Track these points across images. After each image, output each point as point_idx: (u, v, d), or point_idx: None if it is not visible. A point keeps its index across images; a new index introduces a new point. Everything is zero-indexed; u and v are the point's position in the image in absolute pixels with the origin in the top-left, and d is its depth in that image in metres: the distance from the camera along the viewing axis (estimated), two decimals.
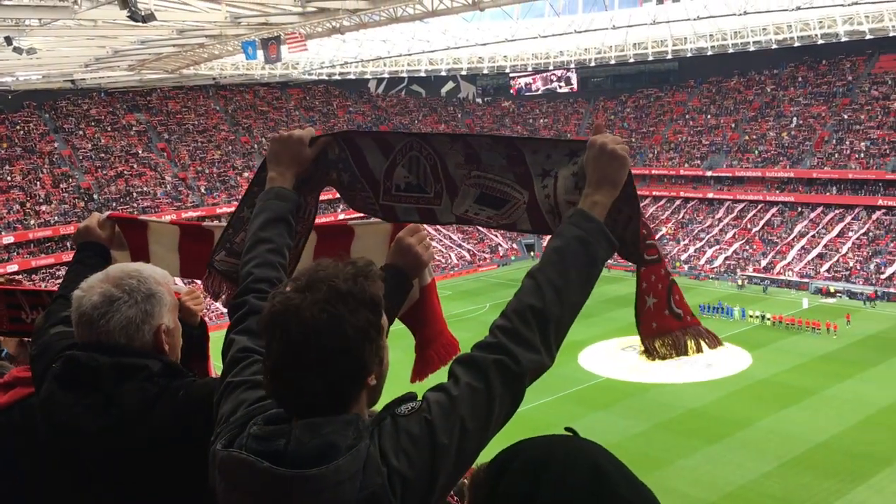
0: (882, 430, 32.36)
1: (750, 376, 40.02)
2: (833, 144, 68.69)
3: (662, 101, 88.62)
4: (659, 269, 2.37)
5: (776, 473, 28.85)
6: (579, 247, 2.05)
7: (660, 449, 31.56)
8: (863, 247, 60.40)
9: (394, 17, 41.64)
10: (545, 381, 12.25)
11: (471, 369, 1.83)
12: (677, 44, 70.88)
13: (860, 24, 59.44)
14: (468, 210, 2.50)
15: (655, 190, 78.94)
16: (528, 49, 75.42)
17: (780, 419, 34.09)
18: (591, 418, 35.26)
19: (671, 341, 2.36)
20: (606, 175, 2.17)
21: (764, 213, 69.39)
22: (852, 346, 44.10)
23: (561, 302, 1.97)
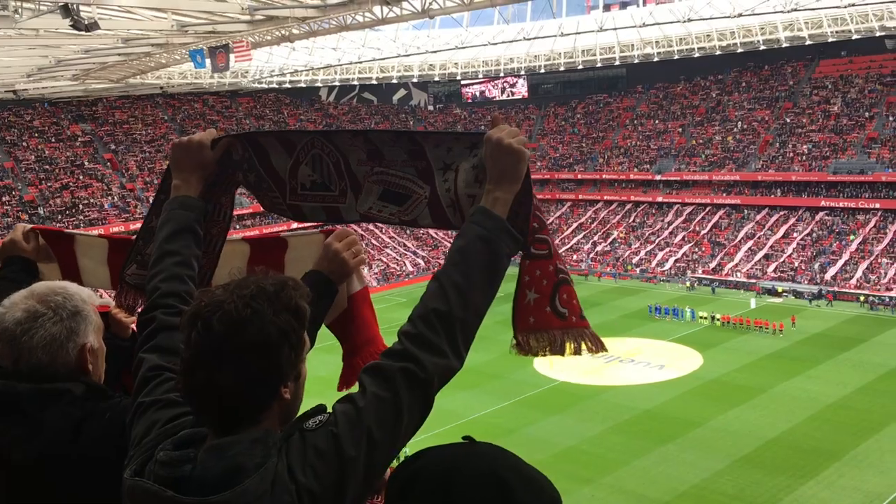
0: (829, 425, 33.19)
1: (701, 376, 40.71)
2: (776, 148, 70.38)
3: (611, 106, 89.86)
4: (547, 265, 2.31)
5: (728, 471, 29.38)
6: (482, 246, 2.02)
7: (615, 451, 31.92)
8: (807, 247, 61.96)
9: (343, 25, 41.54)
10: (501, 386, 12.40)
11: (377, 378, 1.80)
12: (624, 50, 72.01)
13: (800, 30, 61.12)
14: (372, 207, 2.47)
15: (606, 194, 79.95)
16: (478, 56, 75.89)
17: (731, 417, 34.74)
18: (547, 422, 35.50)
19: (547, 338, 2.31)
20: (506, 170, 2.13)
21: (712, 216, 70.77)
22: (799, 345, 45.16)
23: (466, 304, 1.94)
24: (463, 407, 37.77)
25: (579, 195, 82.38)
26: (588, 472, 30.16)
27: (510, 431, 34.59)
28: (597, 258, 71.49)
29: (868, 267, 56.68)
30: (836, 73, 73.45)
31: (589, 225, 77.96)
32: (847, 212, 63.27)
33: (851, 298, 53.85)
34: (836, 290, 55.62)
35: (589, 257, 71.94)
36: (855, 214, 62.69)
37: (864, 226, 61.07)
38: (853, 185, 63.46)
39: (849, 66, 72.91)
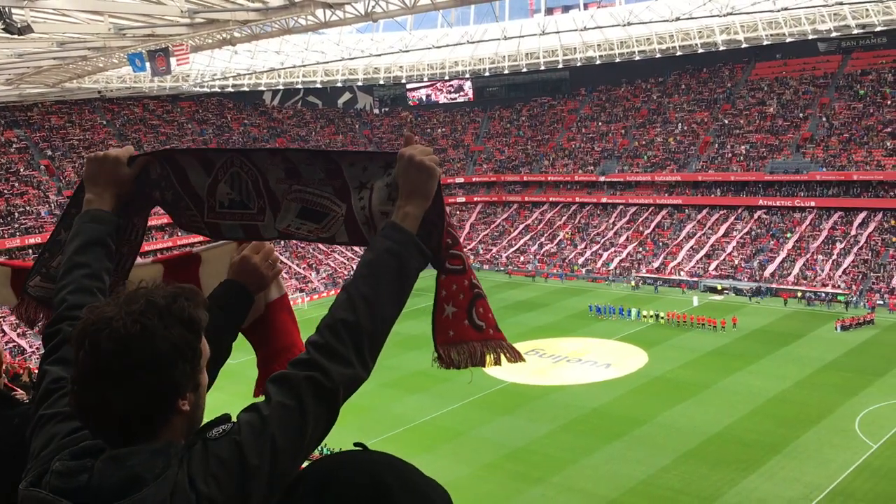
0: (770, 419, 34.05)
1: (647, 374, 41.39)
2: (716, 148, 72.01)
3: (555, 109, 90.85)
4: (462, 280, 2.36)
5: (674, 466, 29.93)
6: (391, 259, 2.06)
7: (564, 449, 32.24)
8: (746, 245, 63.51)
9: (286, 29, 41.20)
10: (450, 389, 12.41)
11: (283, 387, 1.80)
12: (567, 53, 72.90)
13: (736, 33, 62.68)
14: (290, 225, 2.49)
15: (552, 196, 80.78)
16: (423, 59, 75.97)
17: (676, 414, 35.39)
18: (496, 423, 35.68)
19: (468, 351, 2.36)
20: (417, 187, 2.17)
21: (654, 216, 72.04)
22: (740, 341, 46.24)
23: (374, 315, 1.97)
24: (412, 410, 37.78)
25: (525, 197, 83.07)
26: (538, 471, 30.41)
27: (460, 434, 34.71)
28: (543, 259, 72.15)
29: (805, 264, 58.34)
30: (772, 75, 75.50)
31: (535, 226, 78.65)
32: (784, 210, 65.06)
33: (790, 295, 55.36)
34: (774, 286, 57.11)
35: (536, 259, 72.57)
36: (791, 213, 64.49)
37: (801, 224, 62.85)
38: (789, 184, 65.28)
39: (783, 68, 75.02)
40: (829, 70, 72.26)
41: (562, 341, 48.70)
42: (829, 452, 30.18)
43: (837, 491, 27.14)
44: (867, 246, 57.88)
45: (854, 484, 27.63)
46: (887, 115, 64.53)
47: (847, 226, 60.56)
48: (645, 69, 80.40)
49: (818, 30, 59.49)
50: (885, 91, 66.65)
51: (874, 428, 32.10)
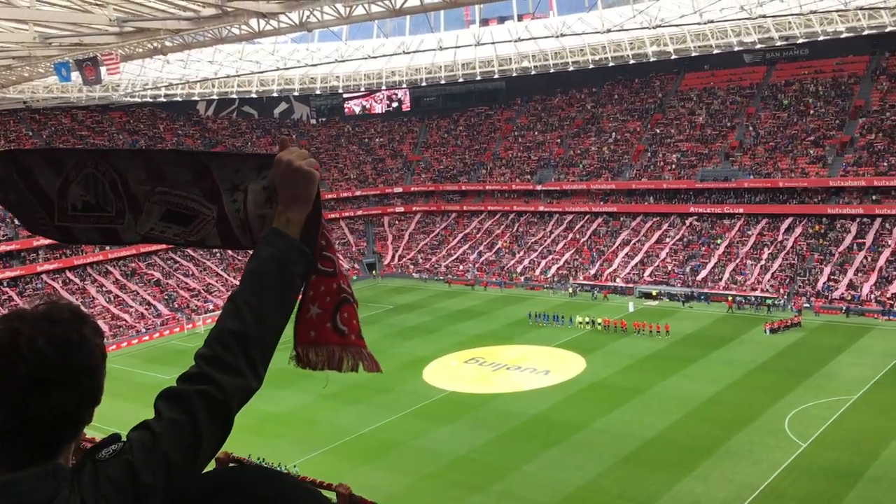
0: (704, 421, 34.84)
1: (584, 380, 41.94)
2: (648, 157, 73.61)
3: (492, 118, 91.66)
4: (331, 283, 2.35)
5: (612, 471, 30.35)
6: (275, 266, 2.05)
7: (504, 457, 32.41)
8: (679, 251, 65.00)
9: (219, 38, 40.67)
10: (390, 400, 12.36)
11: (174, 403, 1.79)
12: (503, 64, 73.69)
13: (666, 45, 64.28)
14: (154, 228, 2.43)
15: (490, 205, 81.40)
16: (360, 69, 75.83)
17: (613, 419, 35.93)
18: (437, 433, 35.67)
19: (326, 353, 2.36)
20: (297, 192, 2.16)
21: (590, 224, 73.18)
22: (675, 345, 47.24)
23: (262, 323, 1.97)
24: (352, 422, 37.51)
25: (464, 206, 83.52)
26: (478, 479, 30.49)
27: (400, 444, 34.58)
28: (482, 268, 72.58)
29: (734, 269, 59.98)
30: (701, 85, 77.61)
31: (474, 235, 79.09)
32: (714, 217, 66.82)
33: (731, 302, 56.80)
34: (706, 291, 58.55)
35: (475, 267, 72.95)
36: (721, 219, 66.28)
37: (730, 230, 64.64)
38: (719, 191, 67.10)
39: (711, 79, 77.20)
40: (755, 81, 74.63)
41: (501, 349, 49.02)
42: (761, 453, 31.01)
43: (769, 490, 27.89)
44: (793, 251, 59.84)
45: (785, 483, 28.44)
46: (810, 124, 66.93)
47: (774, 231, 62.52)
48: (579, 79, 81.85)
49: (743, 42, 61.45)
50: (807, 101, 69.14)
51: (803, 428, 33.13)
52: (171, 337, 58.98)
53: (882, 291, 52.54)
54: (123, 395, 34.94)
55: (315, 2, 33.19)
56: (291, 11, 35.10)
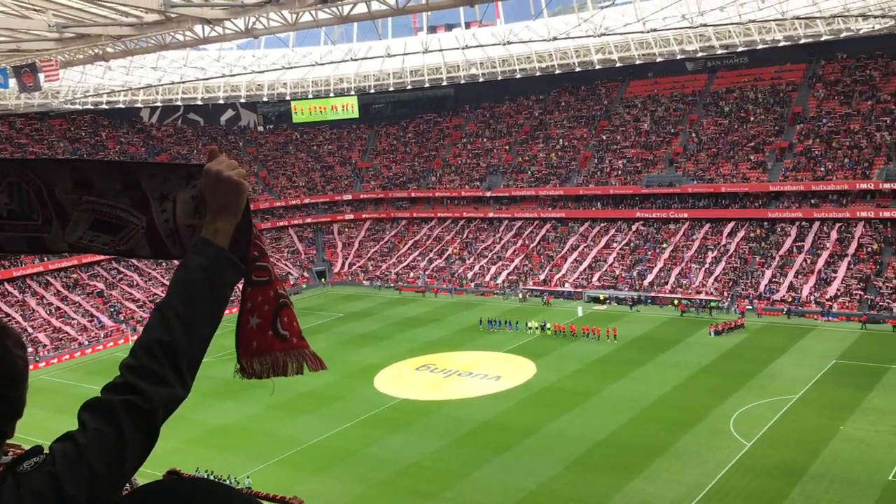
0: (653, 423, 35.39)
1: (535, 384, 42.25)
2: (595, 163, 74.60)
3: (441, 125, 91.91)
4: (268, 291, 2.37)
5: (563, 475, 30.63)
6: (204, 276, 2.05)
7: (456, 463, 32.46)
8: (626, 256, 65.96)
9: (163, 44, 40.03)
10: (342, 408, 12.29)
11: (98, 414, 1.78)
12: (451, 71, 73.98)
13: (610, 53, 65.31)
14: (82, 237, 2.41)
15: (440, 212, 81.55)
16: (308, 76, 75.37)
17: (564, 422, 36.27)
18: (389, 440, 35.56)
19: (271, 361, 2.39)
20: (226, 202, 2.17)
21: (539, 230, 73.83)
22: (623, 349, 47.90)
23: (189, 333, 1.97)
24: (303, 431, 37.16)
25: (413, 213, 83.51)
26: (430, 486, 30.48)
27: (352, 453, 34.38)
28: (433, 275, 72.64)
29: (680, 272, 61.10)
30: (645, 93, 79.00)
31: (424, 242, 79.13)
32: (659, 222, 68.00)
33: (667, 302, 57.86)
34: (653, 295, 59.51)
35: (425, 274, 72.98)
36: (667, 224, 67.49)
37: (675, 234, 65.85)
38: (664, 196, 68.33)
39: (655, 86, 78.65)
40: (697, 88, 76.26)
41: (452, 355, 49.10)
42: (707, 453, 31.62)
43: (716, 489, 28.46)
44: (736, 254, 61.22)
45: (731, 482, 29.05)
46: (750, 130, 68.62)
47: (717, 236, 63.88)
48: (526, 87, 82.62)
49: (685, 50, 62.79)
50: (747, 108, 70.89)
51: (747, 427, 33.88)
52: (115, 349, 57.67)
53: (821, 293, 54.06)
54: (65, 410, 33.98)
55: (261, 8, 32.88)
56: (237, 18, 34.71)
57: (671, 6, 50.19)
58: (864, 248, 56.83)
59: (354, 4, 34.54)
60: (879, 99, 64.90)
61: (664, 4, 49.52)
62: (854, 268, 55.38)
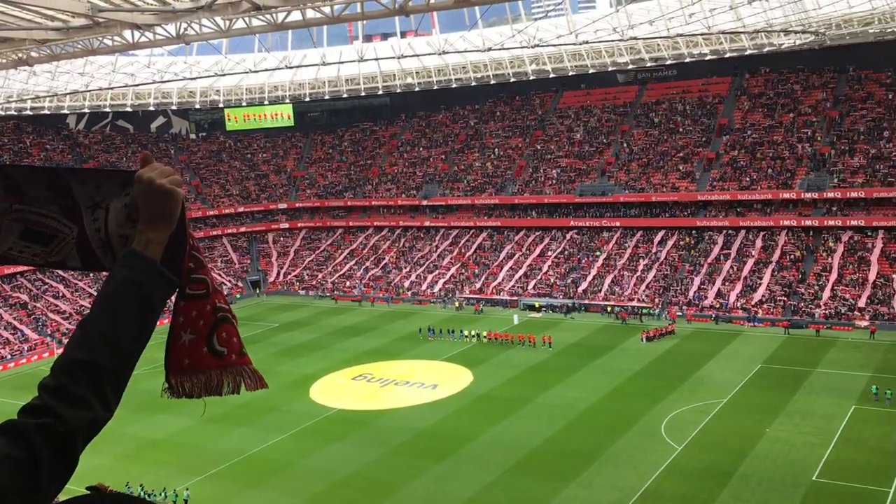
0: (587, 428, 35.91)
1: (472, 392, 42.43)
2: (530, 173, 75.51)
3: (377, 134, 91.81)
4: (204, 306, 2.26)
5: (500, 482, 30.81)
6: (132, 290, 1.94)
7: (394, 473, 32.35)
8: (560, 264, 66.88)
9: (91, 49, 39.05)
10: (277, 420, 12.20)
11: (11, 438, 1.69)
12: (387, 80, 74.07)
13: (544, 64, 66.34)
14: (12, 248, 2.28)
15: (376, 220, 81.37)
16: (241, 84, 74.45)
17: (500, 429, 36.50)
18: (326, 452, 35.23)
19: (204, 379, 2.27)
20: (158, 211, 2.05)
21: (475, 238, 74.31)
22: (558, 355, 48.49)
23: (114, 352, 1.86)
24: (238, 444, 36.54)
25: (350, 222, 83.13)
26: (367, 498, 30.31)
27: (288, 465, 33.95)
28: (369, 284, 72.37)
29: (613, 280, 62.24)
30: (578, 103, 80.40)
31: (360, 251, 78.81)
32: (593, 231, 69.19)
33: (598, 310, 58.83)
34: (586, 302, 60.45)
35: (362, 283, 72.65)
36: (600, 233, 68.70)
37: (608, 243, 67.08)
38: (597, 205, 69.55)
39: (588, 97, 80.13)
40: (628, 99, 77.98)
41: (389, 365, 48.97)
42: (640, 457, 32.23)
43: (648, 493, 29.03)
44: (666, 262, 62.68)
45: (663, 485, 29.66)
46: (679, 141, 70.46)
47: (648, 244, 65.32)
48: (462, 96, 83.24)
49: (617, 62, 64.20)
50: (676, 119, 72.80)
51: (678, 431, 34.67)
52: (40, 363, 55.77)
53: (747, 299, 55.74)
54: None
55: (192, 14, 32.39)
56: (167, 23, 34.11)
57: (602, 19, 51.29)
58: (787, 255, 58.87)
59: (289, 12, 34.34)
60: (800, 111, 67.43)
61: (596, 17, 50.59)
62: (778, 274, 57.29)
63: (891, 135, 61.19)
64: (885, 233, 56.93)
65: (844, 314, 51.61)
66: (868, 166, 59.67)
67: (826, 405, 36.82)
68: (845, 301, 52.65)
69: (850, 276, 54.70)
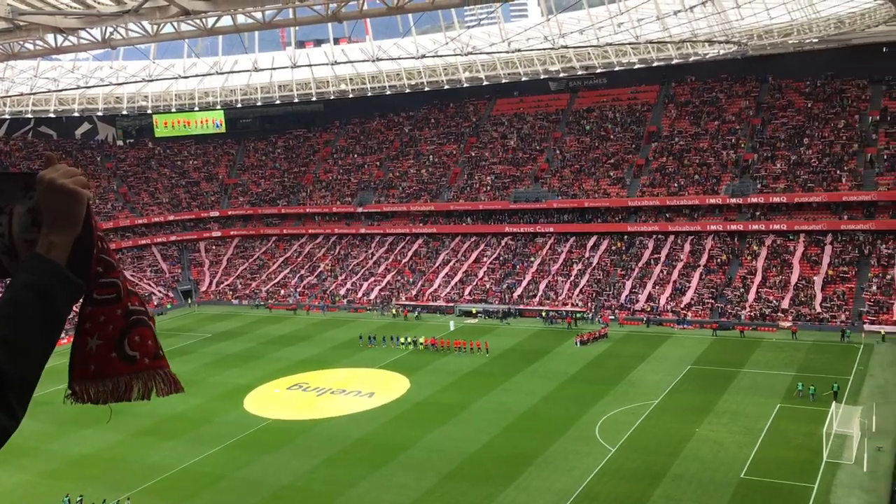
0: (523, 433, 36.20)
1: (409, 399, 42.36)
2: (465, 179, 75.93)
3: (311, 141, 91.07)
4: (114, 310, 2.19)
5: (437, 488, 30.83)
6: (33, 296, 1.88)
7: (330, 483, 32.06)
8: (496, 270, 67.38)
9: (11, 53, 37.75)
10: (209, 432, 12.01)
11: None
12: (320, 86, 73.58)
13: (478, 71, 66.87)
14: None
15: (311, 228, 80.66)
16: (170, 89, 72.95)
17: (437, 436, 36.53)
18: (260, 463, 34.67)
19: (111, 385, 2.20)
20: (62, 213, 2.00)
21: (411, 245, 74.30)
22: (494, 361, 48.80)
23: (17, 359, 1.80)
24: (170, 458, 35.71)
25: (284, 230, 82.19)
26: None
27: (221, 478, 33.31)
28: (304, 292, 71.64)
29: (547, 285, 63.00)
30: (511, 111, 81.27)
31: (295, 259, 77.97)
32: (527, 236, 69.93)
33: (534, 314, 59.50)
34: (522, 307, 61.03)
35: (297, 291, 71.86)
36: (534, 238, 69.49)
37: (542, 248, 67.88)
38: (531, 211, 70.35)
39: (521, 105, 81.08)
40: (560, 107, 79.19)
41: (326, 373, 48.55)
42: (575, 459, 32.66)
43: (583, 495, 29.42)
44: (599, 267, 63.76)
45: (598, 487, 30.11)
46: (610, 148, 71.84)
47: (581, 249, 66.34)
48: (397, 103, 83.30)
49: (549, 70, 65.14)
50: (607, 126, 74.23)
51: (611, 433, 35.25)
52: None
53: (677, 302, 57.11)
54: None
55: (118, 18, 31.62)
56: (92, 27, 33.24)
57: (534, 28, 52.01)
58: (714, 259, 60.54)
59: (219, 17, 33.82)
60: (725, 119, 69.52)
61: (527, 26, 51.26)
62: (706, 278, 58.86)
63: (810, 142, 63.59)
64: (806, 236, 59.09)
65: (768, 315, 53.35)
66: (789, 172, 61.87)
67: (753, 404, 37.95)
68: (769, 303, 54.42)
69: (774, 279, 56.57)
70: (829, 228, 58.42)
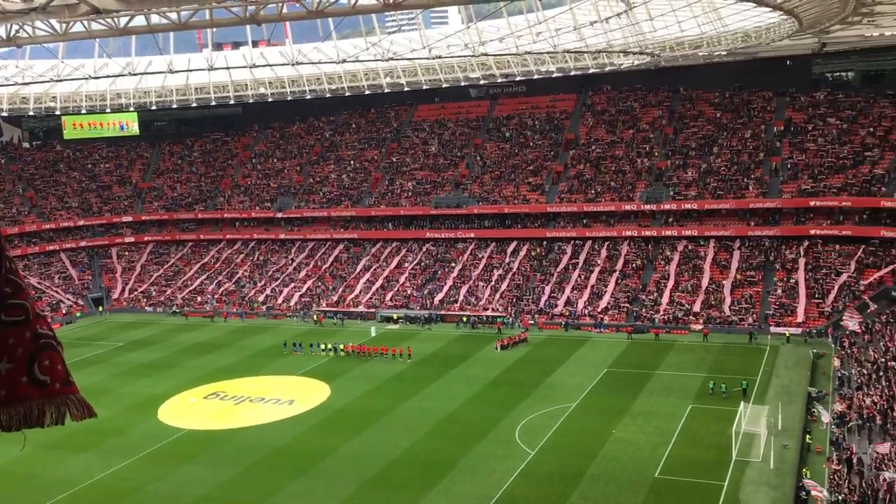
0: (444, 438, 36.36)
1: (329, 407, 42.00)
2: (386, 185, 75.83)
3: (229, 145, 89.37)
4: (23, 333, 2.15)
5: (357, 495, 30.66)
6: None
7: (249, 493, 31.50)
8: (417, 275, 67.46)
9: None
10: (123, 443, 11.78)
11: None
12: (239, 90, 72.33)
13: (399, 77, 66.89)
14: None
15: (229, 233, 79.11)
16: (81, 90, 70.46)
17: (358, 443, 36.33)
18: (176, 475, 33.80)
19: (24, 410, 2.15)
20: None
21: (332, 251, 73.70)
22: (415, 367, 48.85)
23: None
24: (79, 471, 34.47)
25: (201, 235, 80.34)
26: None
27: (134, 491, 32.33)
28: (222, 299, 70.18)
29: (468, 290, 63.43)
30: (433, 117, 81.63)
31: (212, 265, 76.32)
32: (448, 242, 70.29)
33: (454, 320, 59.83)
34: (443, 313, 61.27)
35: (214, 298, 70.35)
36: (455, 244, 69.89)
37: (463, 254, 68.34)
38: (452, 217, 70.76)
39: (442, 111, 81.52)
40: (480, 114, 79.98)
41: (244, 382, 47.67)
42: (495, 463, 32.98)
43: (503, 498, 29.74)
44: (519, 272, 64.58)
45: (518, 489, 30.47)
46: (529, 155, 72.91)
47: (502, 254, 67.09)
48: (317, 108, 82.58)
49: (469, 77, 65.69)
50: (526, 134, 75.34)
51: (531, 437, 35.74)
52: None
53: (594, 306, 58.33)
54: None
55: (25, 16, 30.38)
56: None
57: (454, 35, 52.40)
58: (629, 264, 62.11)
59: (132, 17, 32.87)
60: (639, 128, 71.49)
61: (448, 33, 51.62)
62: (622, 283, 60.33)
63: (719, 151, 65.97)
64: (716, 242, 61.24)
65: (681, 319, 55.04)
66: (700, 180, 64.03)
67: (666, 405, 39.08)
68: (681, 306, 56.15)
69: (686, 283, 58.42)
70: (738, 234, 60.74)
